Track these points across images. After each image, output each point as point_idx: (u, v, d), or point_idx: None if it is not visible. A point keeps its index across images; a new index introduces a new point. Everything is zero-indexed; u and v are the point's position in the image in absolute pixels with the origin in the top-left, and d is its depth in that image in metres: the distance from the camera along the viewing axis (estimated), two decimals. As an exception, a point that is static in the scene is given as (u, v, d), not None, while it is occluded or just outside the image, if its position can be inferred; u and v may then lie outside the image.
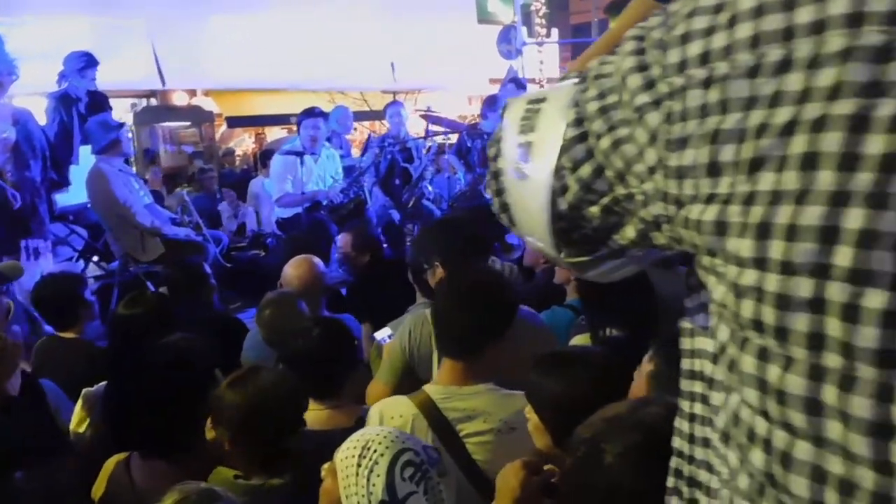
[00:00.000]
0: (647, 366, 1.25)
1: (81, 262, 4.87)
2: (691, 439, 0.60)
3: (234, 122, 11.71)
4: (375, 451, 1.22)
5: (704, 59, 0.47)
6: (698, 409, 0.59)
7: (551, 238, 0.60)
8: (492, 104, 6.18)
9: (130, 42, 10.01)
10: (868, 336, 0.39)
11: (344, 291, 3.61)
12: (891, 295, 0.39)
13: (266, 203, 6.97)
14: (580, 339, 1.99)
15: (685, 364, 0.61)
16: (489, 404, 1.60)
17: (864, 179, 0.39)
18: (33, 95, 5.22)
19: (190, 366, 1.75)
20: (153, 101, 10.92)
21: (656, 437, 0.92)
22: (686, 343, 0.61)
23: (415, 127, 7.46)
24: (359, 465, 1.22)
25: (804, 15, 0.42)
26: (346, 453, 1.25)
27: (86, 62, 4.68)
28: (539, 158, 0.58)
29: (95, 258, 4.92)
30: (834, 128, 0.40)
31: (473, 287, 1.69)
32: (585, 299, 2.26)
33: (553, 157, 0.57)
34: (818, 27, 0.41)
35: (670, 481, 0.64)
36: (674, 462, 0.63)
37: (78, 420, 2.08)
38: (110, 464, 1.70)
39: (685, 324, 0.61)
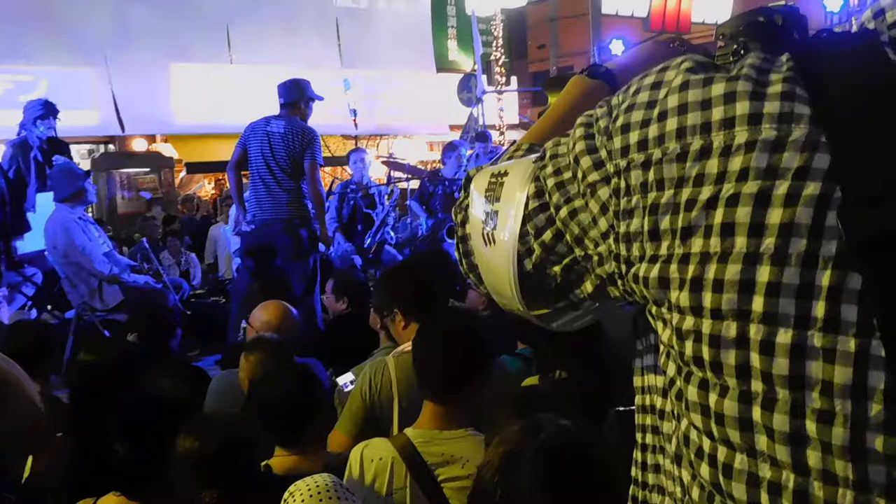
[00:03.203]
0: None
1: (34, 311, 4.76)
2: (643, 467, 0.67)
3: (194, 167, 11.64)
4: (294, 498, 1.31)
5: (642, 146, 0.57)
6: (649, 439, 0.66)
7: (518, 295, 0.67)
8: (452, 150, 6.31)
9: (90, 88, 9.96)
10: (781, 365, 0.50)
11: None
12: (795, 332, 0.49)
13: (225, 249, 6.89)
14: (530, 381, 2.04)
15: (637, 400, 0.68)
16: (468, 450, 1.61)
17: (769, 243, 0.50)
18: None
19: (176, 405, 1.75)
20: (111, 147, 10.82)
21: (558, 461, 1.01)
22: (637, 381, 0.68)
23: (377, 173, 7.54)
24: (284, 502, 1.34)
25: (717, 113, 0.53)
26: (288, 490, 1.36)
27: (44, 110, 4.67)
28: (504, 225, 0.66)
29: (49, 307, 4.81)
30: (745, 203, 0.51)
31: (454, 331, 1.73)
32: (534, 344, 2.32)
33: (517, 224, 0.65)
34: (728, 123, 0.52)
35: None
36: (631, 490, 0.70)
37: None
38: None
39: (636, 364, 0.68)
